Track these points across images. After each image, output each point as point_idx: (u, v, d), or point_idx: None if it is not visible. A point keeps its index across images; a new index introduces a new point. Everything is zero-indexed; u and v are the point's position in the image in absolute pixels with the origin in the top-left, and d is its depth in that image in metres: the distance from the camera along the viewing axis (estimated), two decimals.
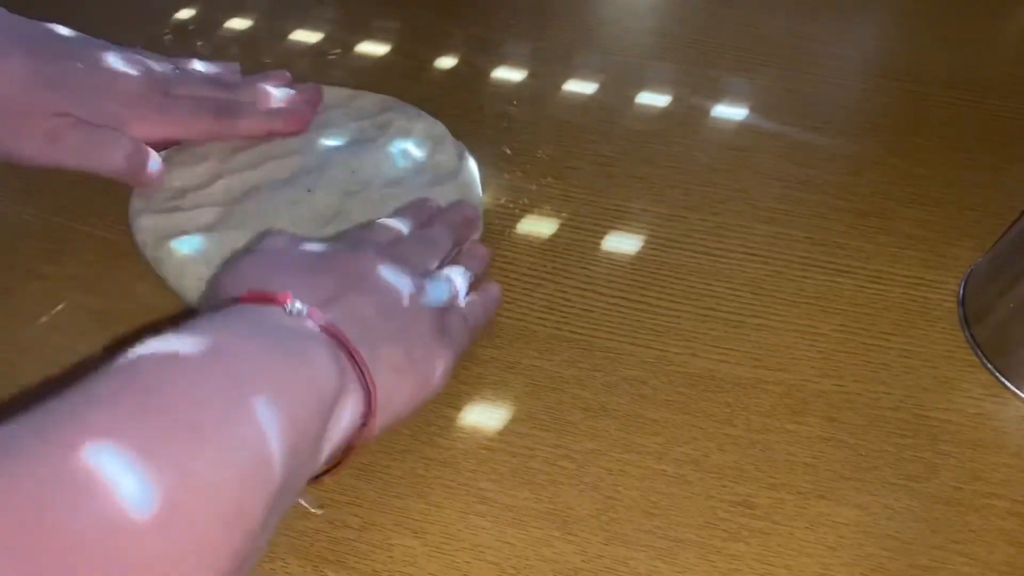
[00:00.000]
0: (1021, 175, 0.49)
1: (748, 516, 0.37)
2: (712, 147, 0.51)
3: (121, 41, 0.56)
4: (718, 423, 0.40)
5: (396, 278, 0.36)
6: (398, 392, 0.34)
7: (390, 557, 0.36)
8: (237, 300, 0.32)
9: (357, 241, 0.39)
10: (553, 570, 0.35)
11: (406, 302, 0.36)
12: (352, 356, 0.32)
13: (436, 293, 0.38)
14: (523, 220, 0.48)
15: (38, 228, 0.48)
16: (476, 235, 0.46)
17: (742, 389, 0.41)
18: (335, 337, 0.32)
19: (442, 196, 0.46)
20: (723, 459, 0.38)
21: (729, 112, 0.53)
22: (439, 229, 0.42)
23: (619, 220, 0.48)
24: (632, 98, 0.54)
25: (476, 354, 0.42)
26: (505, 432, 0.39)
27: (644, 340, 0.43)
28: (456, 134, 0.50)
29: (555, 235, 0.47)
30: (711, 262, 0.46)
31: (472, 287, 0.41)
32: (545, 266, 0.46)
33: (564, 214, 0.48)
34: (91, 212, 0.48)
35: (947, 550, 0.36)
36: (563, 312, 0.44)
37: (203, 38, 0.58)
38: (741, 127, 0.53)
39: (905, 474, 0.38)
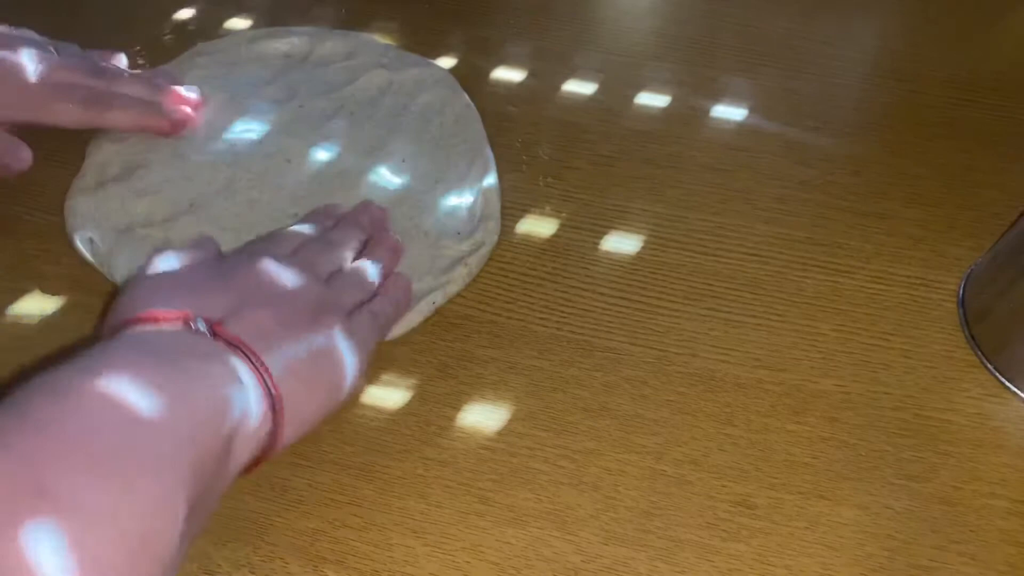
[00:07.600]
0: (1021, 175, 0.49)
1: (748, 516, 0.37)
2: (712, 147, 0.51)
3: (121, 41, 0.57)
4: (718, 423, 0.40)
5: (296, 285, 0.36)
6: (307, 402, 0.34)
7: (390, 557, 0.36)
8: (133, 322, 0.31)
9: (255, 252, 0.38)
10: (553, 570, 0.35)
11: (308, 309, 0.35)
12: (258, 369, 0.31)
13: (340, 295, 0.37)
14: (523, 220, 0.48)
15: (38, 228, 0.48)
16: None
17: (742, 389, 0.41)
18: (241, 350, 0.31)
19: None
20: (723, 459, 0.38)
21: (729, 112, 0.53)
22: (344, 230, 0.42)
23: (619, 220, 0.48)
24: (632, 98, 0.54)
25: (476, 354, 0.42)
26: (505, 432, 0.39)
27: (644, 340, 0.43)
28: None
29: (555, 235, 0.47)
30: (711, 262, 0.46)
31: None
32: (545, 266, 0.46)
33: (564, 214, 0.48)
34: None
35: (947, 550, 0.36)
36: (563, 312, 0.44)
37: (203, 38, 0.58)
38: (741, 127, 0.53)
39: (905, 474, 0.38)
